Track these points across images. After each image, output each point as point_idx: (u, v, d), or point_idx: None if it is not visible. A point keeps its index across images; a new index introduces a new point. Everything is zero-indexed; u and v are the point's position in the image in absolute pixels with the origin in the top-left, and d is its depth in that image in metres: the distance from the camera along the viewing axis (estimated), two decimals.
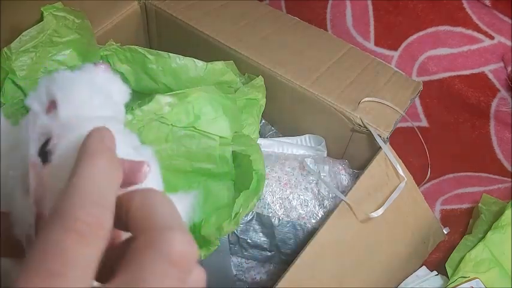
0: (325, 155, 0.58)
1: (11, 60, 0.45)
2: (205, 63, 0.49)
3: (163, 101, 0.42)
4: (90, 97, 0.23)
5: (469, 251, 0.53)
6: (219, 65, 0.50)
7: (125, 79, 0.48)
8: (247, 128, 0.50)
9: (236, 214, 0.41)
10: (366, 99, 0.53)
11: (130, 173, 0.21)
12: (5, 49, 0.45)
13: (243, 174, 0.45)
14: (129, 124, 0.41)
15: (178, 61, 0.48)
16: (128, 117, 0.41)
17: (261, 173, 0.44)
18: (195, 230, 0.44)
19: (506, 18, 0.68)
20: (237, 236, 0.49)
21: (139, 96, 0.49)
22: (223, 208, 0.43)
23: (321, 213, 0.50)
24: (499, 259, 0.53)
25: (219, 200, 0.45)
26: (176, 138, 0.44)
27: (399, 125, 0.59)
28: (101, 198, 0.18)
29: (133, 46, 0.48)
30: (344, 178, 0.53)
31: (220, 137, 0.45)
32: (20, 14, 0.52)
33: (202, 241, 0.43)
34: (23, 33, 0.46)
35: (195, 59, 0.49)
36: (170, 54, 0.48)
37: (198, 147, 0.44)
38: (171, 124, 0.43)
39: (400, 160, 0.51)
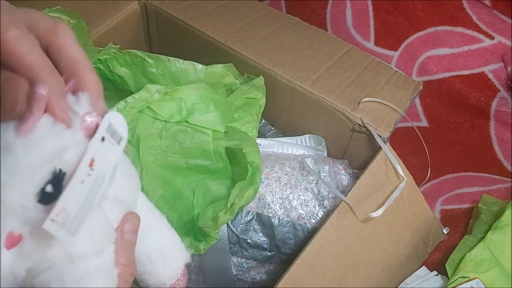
0: (325, 155, 0.58)
1: None
2: (205, 66, 0.49)
3: (153, 89, 0.43)
4: None
5: (469, 251, 0.53)
6: (218, 67, 0.50)
7: (124, 82, 0.48)
8: (245, 126, 0.50)
9: (232, 205, 0.42)
10: (366, 99, 0.53)
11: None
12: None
13: (240, 170, 0.45)
14: (122, 112, 0.41)
15: (178, 65, 0.48)
16: (120, 104, 0.42)
17: (256, 165, 0.44)
18: (194, 224, 0.44)
19: (506, 18, 0.68)
20: (237, 236, 0.49)
21: None
22: (221, 202, 0.44)
23: (321, 213, 0.50)
24: (499, 259, 0.53)
25: (217, 197, 0.46)
26: (170, 134, 0.44)
27: (399, 125, 0.59)
28: None
29: (132, 50, 0.48)
30: (344, 178, 0.53)
31: (213, 131, 0.45)
32: None
33: (200, 234, 0.43)
34: None
35: (194, 62, 0.49)
36: (170, 57, 0.48)
37: (192, 143, 0.45)
38: (165, 120, 0.43)
39: (400, 160, 0.51)
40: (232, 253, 0.50)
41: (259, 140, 0.56)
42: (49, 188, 0.20)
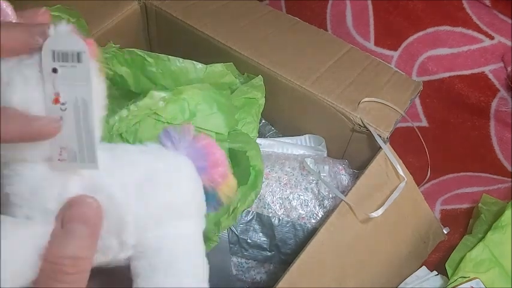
0: (325, 155, 0.58)
1: None
2: (205, 65, 0.49)
3: (157, 96, 0.42)
4: None
5: (469, 251, 0.53)
6: (218, 67, 0.50)
7: (124, 81, 0.48)
8: (246, 126, 0.50)
9: (234, 209, 0.41)
10: (366, 99, 0.53)
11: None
12: None
13: (241, 171, 0.45)
14: (124, 120, 0.41)
15: (178, 64, 0.48)
16: (123, 113, 0.41)
17: (258, 168, 0.44)
18: None
19: (506, 18, 0.68)
20: (237, 236, 0.49)
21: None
22: None
23: (321, 213, 0.50)
24: (499, 259, 0.53)
25: None
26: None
27: (399, 125, 0.59)
28: None
29: (132, 49, 0.48)
30: (344, 178, 0.53)
31: (216, 133, 0.45)
32: None
33: None
34: None
35: (194, 62, 0.49)
36: (170, 57, 0.48)
37: None
38: (167, 122, 0.43)
39: (400, 160, 0.51)
40: (232, 253, 0.50)
41: (259, 140, 0.56)
42: None
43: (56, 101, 0.21)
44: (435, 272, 0.55)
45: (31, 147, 0.22)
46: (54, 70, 0.21)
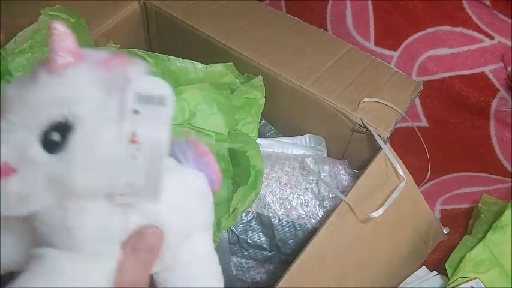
0: (325, 155, 0.58)
1: (7, 61, 0.44)
2: (205, 65, 0.49)
3: None
4: None
5: (469, 251, 0.53)
6: (218, 67, 0.50)
7: None
8: (246, 126, 0.50)
9: (234, 209, 0.41)
10: (366, 99, 0.53)
11: None
12: (0, 50, 0.45)
13: (241, 171, 0.45)
14: None
15: (177, 64, 0.48)
16: None
17: (259, 168, 0.44)
18: None
19: (506, 18, 0.68)
20: (236, 236, 0.49)
21: None
22: (221, 204, 0.43)
23: (321, 213, 0.50)
24: (499, 259, 0.53)
25: (218, 199, 0.45)
26: (172, 136, 0.44)
27: (399, 125, 0.59)
28: None
29: (132, 49, 0.48)
30: (344, 178, 0.53)
31: (216, 133, 0.45)
32: (20, 15, 0.52)
33: None
34: (18, 34, 0.46)
35: (194, 62, 0.49)
36: (170, 57, 0.48)
37: None
38: None
39: (400, 160, 0.51)
40: (232, 253, 0.50)
41: (259, 140, 0.56)
42: (55, 136, 0.20)
43: (133, 140, 0.22)
44: (435, 272, 0.55)
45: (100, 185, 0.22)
46: (136, 112, 0.22)
